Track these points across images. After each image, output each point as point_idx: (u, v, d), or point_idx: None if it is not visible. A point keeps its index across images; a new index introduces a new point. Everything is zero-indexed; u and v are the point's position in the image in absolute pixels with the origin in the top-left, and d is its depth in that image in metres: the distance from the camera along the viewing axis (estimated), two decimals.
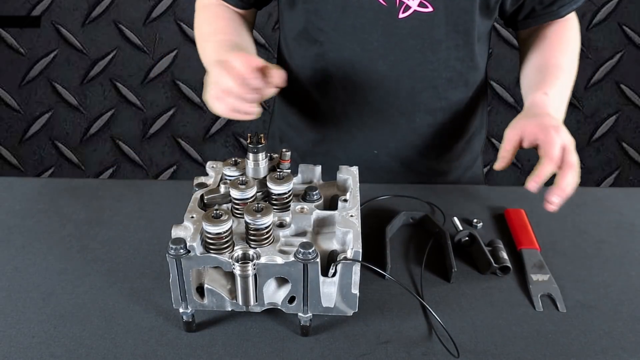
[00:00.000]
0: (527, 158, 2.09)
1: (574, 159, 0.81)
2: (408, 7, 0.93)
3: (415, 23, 0.94)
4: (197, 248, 0.64)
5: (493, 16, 1.01)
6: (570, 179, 0.80)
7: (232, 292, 0.68)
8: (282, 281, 0.68)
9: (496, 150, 2.08)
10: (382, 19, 0.94)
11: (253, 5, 1.06)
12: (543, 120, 0.87)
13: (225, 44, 0.96)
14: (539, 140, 0.83)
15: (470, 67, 1.03)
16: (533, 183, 0.80)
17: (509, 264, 0.80)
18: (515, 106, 2.04)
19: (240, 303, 0.68)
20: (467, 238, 0.85)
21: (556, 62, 1.01)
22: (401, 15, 0.94)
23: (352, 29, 0.96)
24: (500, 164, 0.87)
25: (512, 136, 0.87)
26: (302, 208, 0.72)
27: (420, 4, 0.93)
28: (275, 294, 0.69)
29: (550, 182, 0.84)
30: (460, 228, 0.89)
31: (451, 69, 1.01)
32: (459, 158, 1.16)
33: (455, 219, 0.91)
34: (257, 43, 1.84)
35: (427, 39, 0.96)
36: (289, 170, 0.75)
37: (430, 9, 0.93)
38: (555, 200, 0.80)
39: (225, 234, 0.64)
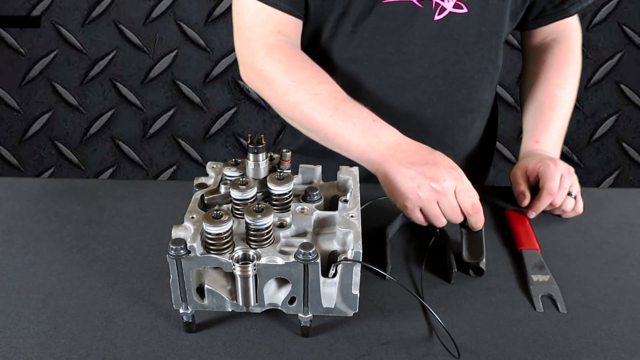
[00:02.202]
0: None
1: (565, 184, 0.91)
2: (443, 9, 0.93)
3: (451, 25, 0.95)
4: (198, 249, 0.64)
5: (518, 19, 1.04)
6: (545, 205, 0.92)
7: (233, 293, 0.68)
8: (282, 282, 0.68)
9: (496, 150, 2.07)
10: (418, 20, 0.94)
11: (305, 11, 0.97)
12: (540, 156, 0.96)
13: (347, 102, 0.88)
14: (539, 173, 0.93)
15: (496, 67, 1.05)
16: (532, 213, 0.93)
17: (484, 268, 0.80)
18: (515, 106, 2.04)
19: (241, 304, 0.67)
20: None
21: (551, 100, 1.05)
22: (437, 17, 0.94)
23: (387, 32, 0.95)
24: (524, 201, 0.94)
25: (519, 175, 0.96)
26: (303, 208, 0.72)
27: (455, 5, 0.93)
28: (275, 295, 0.69)
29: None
30: None
31: (483, 70, 1.02)
32: (481, 158, 1.17)
33: None
34: None
35: (462, 40, 0.97)
36: (289, 171, 0.75)
37: (465, 10, 0.94)
38: (531, 216, 0.93)
39: (226, 235, 0.64)
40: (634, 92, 2.01)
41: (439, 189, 0.77)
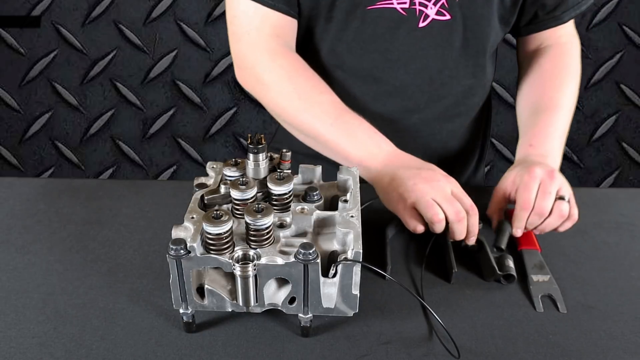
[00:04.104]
0: None
1: (546, 203, 0.81)
2: (427, 16, 0.92)
3: (434, 32, 0.94)
4: (198, 249, 0.64)
5: (510, 24, 1.01)
6: (523, 221, 0.83)
7: (233, 293, 0.68)
8: (282, 282, 0.68)
9: (495, 149, 2.08)
10: (402, 28, 0.94)
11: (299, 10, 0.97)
12: (523, 166, 0.87)
13: (344, 114, 0.89)
14: (517, 188, 0.85)
15: (486, 72, 1.04)
16: (517, 230, 0.84)
17: (514, 273, 0.79)
18: (515, 106, 2.04)
19: (241, 304, 0.67)
20: (474, 244, 0.85)
21: (547, 102, 0.98)
22: (421, 25, 0.93)
23: (372, 39, 0.95)
24: (494, 224, 0.88)
25: (498, 194, 0.88)
26: (303, 208, 0.72)
27: (438, 13, 0.93)
28: (275, 295, 0.69)
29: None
30: None
31: (470, 76, 1.01)
32: (470, 160, 1.16)
33: None
34: None
35: (447, 46, 0.96)
36: (289, 171, 0.75)
37: (447, 17, 0.93)
38: (517, 234, 0.85)
39: (226, 235, 0.64)
40: (634, 92, 2.01)
41: (434, 186, 0.79)
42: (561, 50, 1.04)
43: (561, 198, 0.82)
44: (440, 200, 0.78)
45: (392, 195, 0.82)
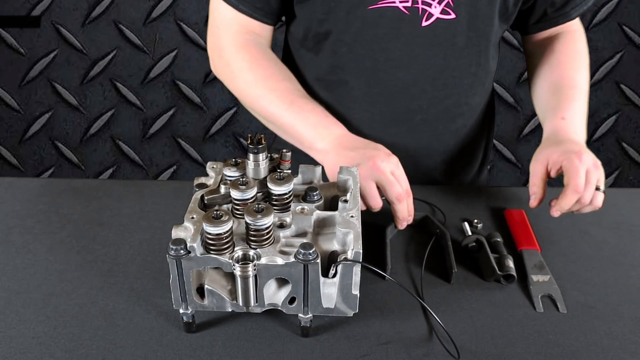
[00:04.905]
0: (527, 158, 2.09)
1: (592, 180, 0.83)
2: (431, 15, 0.92)
3: (438, 31, 0.94)
4: (198, 249, 0.64)
5: (510, 21, 1.01)
6: (571, 204, 0.83)
7: (233, 293, 0.68)
8: (282, 282, 0.68)
9: (495, 149, 2.08)
10: (404, 27, 0.94)
11: (278, 18, 1.02)
12: (565, 146, 0.88)
13: (298, 98, 0.94)
14: (563, 168, 0.85)
15: (488, 71, 1.04)
16: (556, 212, 0.85)
17: (514, 273, 0.79)
18: (515, 106, 2.04)
19: (241, 304, 0.67)
20: (474, 244, 0.85)
21: (569, 81, 1.00)
22: (424, 24, 0.93)
23: (374, 39, 0.95)
24: (534, 201, 0.88)
25: (539, 169, 0.88)
26: (303, 209, 0.72)
27: (443, 12, 0.92)
28: (275, 295, 0.69)
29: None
30: (469, 233, 0.88)
31: (472, 75, 1.01)
32: (474, 161, 1.16)
33: (466, 223, 0.90)
34: None
35: (450, 46, 0.96)
36: (289, 171, 0.75)
37: (453, 15, 0.93)
38: (554, 215, 0.86)
39: (226, 235, 0.64)
40: (634, 92, 2.01)
41: (376, 167, 0.82)
42: (572, 37, 1.06)
43: (597, 189, 0.84)
44: (383, 183, 0.82)
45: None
